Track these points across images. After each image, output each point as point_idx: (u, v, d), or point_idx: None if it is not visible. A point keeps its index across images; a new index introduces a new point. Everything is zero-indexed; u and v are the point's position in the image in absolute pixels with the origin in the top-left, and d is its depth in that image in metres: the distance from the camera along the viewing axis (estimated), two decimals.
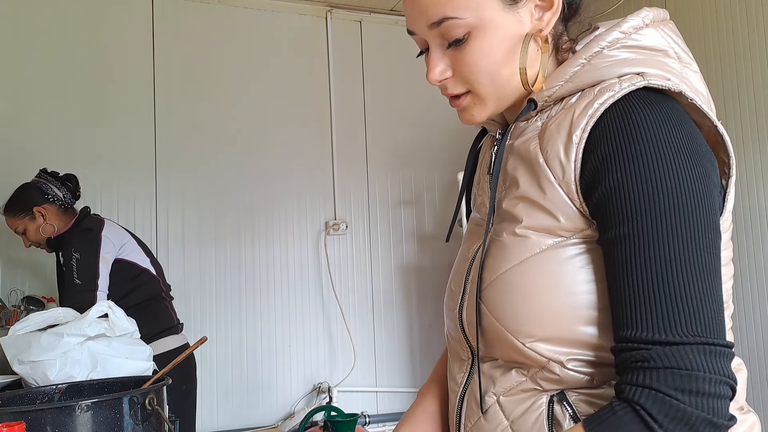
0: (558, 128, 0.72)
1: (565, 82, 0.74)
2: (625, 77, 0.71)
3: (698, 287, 0.63)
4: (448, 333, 0.88)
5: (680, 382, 0.61)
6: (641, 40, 0.74)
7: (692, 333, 0.62)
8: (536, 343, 0.70)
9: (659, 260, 0.63)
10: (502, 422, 0.76)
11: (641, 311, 0.63)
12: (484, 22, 0.73)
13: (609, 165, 0.66)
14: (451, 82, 0.77)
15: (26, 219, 2.41)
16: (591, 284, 0.69)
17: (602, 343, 0.69)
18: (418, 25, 0.76)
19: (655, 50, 0.74)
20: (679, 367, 0.61)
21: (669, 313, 0.62)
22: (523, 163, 0.75)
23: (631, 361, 0.64)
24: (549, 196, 0.71)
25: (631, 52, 0.73)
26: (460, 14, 0.72)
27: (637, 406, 0.62)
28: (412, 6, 0.76)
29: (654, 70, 0.72)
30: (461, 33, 0.73)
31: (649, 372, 0.62)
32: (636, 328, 0.63)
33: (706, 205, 0.65)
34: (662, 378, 0.61)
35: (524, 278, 0.71)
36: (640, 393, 0.62)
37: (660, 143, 0.65)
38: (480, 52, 0.73)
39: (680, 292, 0.62)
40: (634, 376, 0.63)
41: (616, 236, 0.66)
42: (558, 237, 0.71)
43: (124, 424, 0.98)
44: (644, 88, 0.70)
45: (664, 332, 0.62)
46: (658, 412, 0.60)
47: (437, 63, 0.76)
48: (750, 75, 2.78)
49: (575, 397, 0.72)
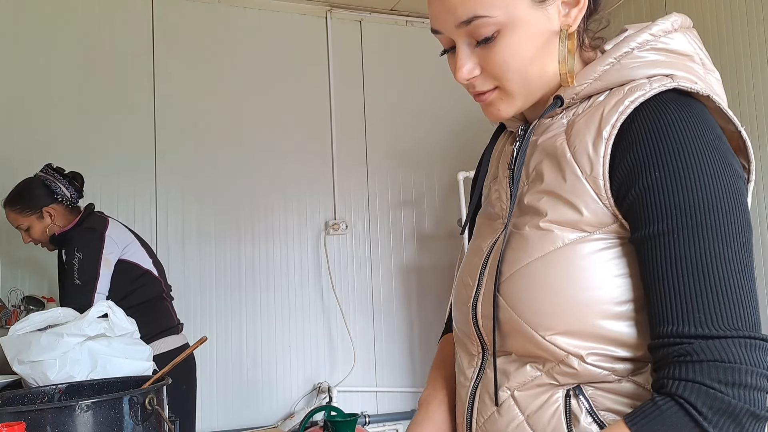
0: (587, 124, 0.73)
1: (594, 80, 0.75)
2: (654, 78, 0.73)
3: (736, 282, 0.64)
4: (456, 328, 0.87)
5: (723, 374, 0.61)
6: (670, 44, 0.75)
7: (733, 327, 0.63)
8: (556, 337, 0.71)
9: (698, 256, 0.64)
10: (517, 416, 0.76)
11: (682, 307, 0.64)
12: (514, 19, 0.73)
13: (645, 163, 0.67)
14: (479, 80, 0.77)
15: (33, 217, 2.38)
16: (614, 279, 0.70)
17: (622, 338, 0.70)
18: (445, 24, 0.75)
19: (682, 54, 0.75)
20: (722, 359, 0.62)
21: (710, 308, 0.63)
22: (549, 158, 0.76)
23: (674, 355, 0.64)
24: (574, 190, 0.72)
25: (660, 55, 0.74)
26: (491, 12, 0.72)
27: (681, 400, 0.62)
28: (439, 5, 0.75)
29: (682, 73, 0.73)
30: (491, 31, 0.73)
31: (692, 365, 0.62)
32: (677, 324, 0.64)
33: (739, 203, 0.67)
34: (705, 371, 0.62)
35: (546, 272, 0.72)
36: (684, 386, 0.62)
37: (694, 143, 0.67)
38: (510, 50, 0.74)
39: (719, 287, 0.63)
40: (676, 370, 0.63)
41: (653, 233, 0.67)
42: (582, 232, 0.71)
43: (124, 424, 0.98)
44: (673, 89, 0.71)
45: (705, 326, 0.63)
46: (702, 405, 0.61)
47: (465, 62, 0.76)
48: (750, 75, 2.78)
49: (591, 391, 0.72)
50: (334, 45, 3.69)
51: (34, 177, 2.43)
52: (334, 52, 3.69)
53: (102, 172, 3.11)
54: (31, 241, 2.45)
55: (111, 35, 3.25)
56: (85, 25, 3.22)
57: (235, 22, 3.51)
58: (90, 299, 2.20)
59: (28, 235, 2.43)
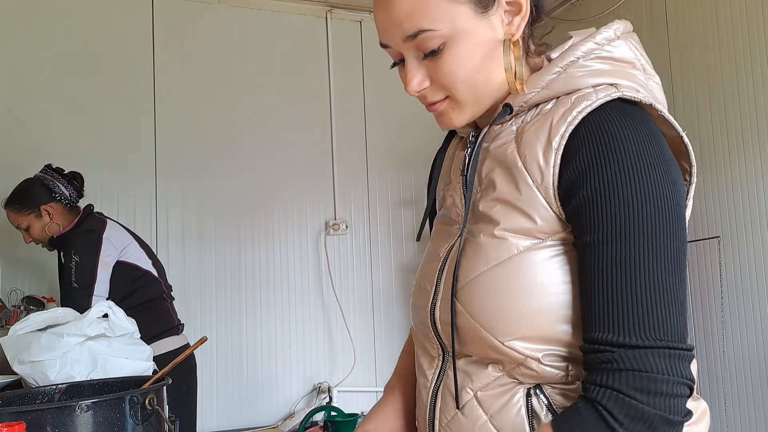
0: (536, 133, 0.74)
1: (541, 89, 0.77)
2: (600, 87, 0.75)
3: (664, 294, 0.67)
4: (415, 329, 0.89)
5: (640, 383, 0.65)
6: (613, 52, 0.77)
7: (655, 337, 0.66)
8: (514, 342, 0.73)
9: (629, 267, 0.67)
10: (481, 417, 0.78)
11: (609, 315, 0.67)
12: (459, 31, 0.74)
13: (588, 173, 0.70)
14: (429, 91, 0.79)
15: (31, 216, 2.38)
16: (567, 285, 0.73)
17: (576, 341, 0.73)
18: (392, 38, 0.77)
19: (625, 62, 0.77)
20: (639, 369, 0.65)
21: (635, 318, 0.66)
22: (501, 166, 0.77)
23: (597, 362, 0.68)
24: (527, 199, 0.74)
25: (604, 63, 0.76)
26: (435, 26, 0.73)
27: (599, 407, 0.66)
28: (385, 20, 0.77)
29: (626, 82, 0.75)
30: (437, 44, 0.75)
31: (612, 373, 0.66)
32: (603, 331, 0.67)
33: (675, 215, 0.69)
34: (624, 379, 0.65)
35: (502, 279, 0.74)
36: (602, 393, 0.66)
37: (635, 155, 0.69)
38: (457, 61, 0.75)
39: (646, 297, 0.66)
40: (598, 377, 0.67)
41: (590, 241, 0.69)
42: (534, 239, 0.74)
43: (124, 424, 0.98)
44: (618, 99, 0.73)
45: (628, 336, 0.66)
46: (618, 412, 0.65)
47: (415, 74, 0.78)
48: (750, 75, 2.78)
49: (550, 390, 0.75)
50: (334, 45, 3.69)
51: (33, 177, 2.43)
52: (334, 52, 3.69)
53: (102, 172, 3.10)
54: (32, 241, 2.46)
55: (111, 35, 3.25)
56: (85, 25, 3.22)
57: (235, 22, 3.51)
58: (88, 303, 2.19)
59: (29, 235, 2.43)
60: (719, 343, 2.90)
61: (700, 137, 3.01)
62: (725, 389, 2.84)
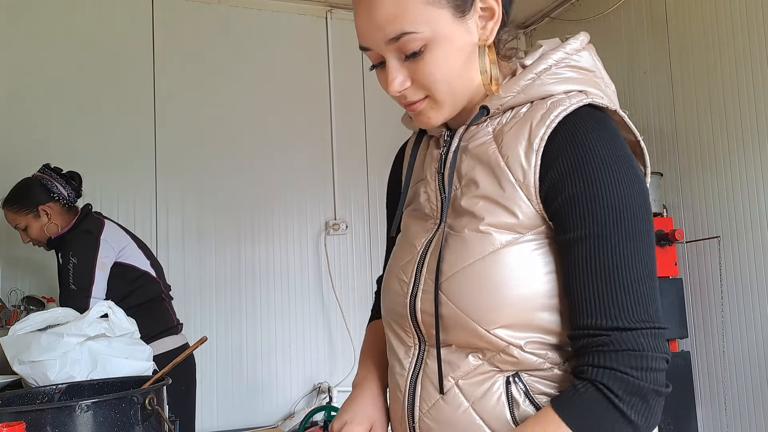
0: (517, 136, 0.81)
1: (517, 93, 0.82)
2: (571, 93, 0.81)
3: (645, 281, 0.75)
4: (389, 319, 0.93)
5: (635, 361, 0.73)
6: (580, 62, 0.84)
7: (641, 320, 0.74)
8: (498, 330, 0.79)
9: (613, 259, 0.75)
10: (462, 404, 0.83)
11: (599, 302, 0.75)
12: (439, 34, 0.79)
13: (569, 175, 0.77)
14: (410, 91, 0.83)
15: (30, 216, 2.38)
16: (547, 275, 0.79)
17: (555, 328, 0.80)
18: (374, 41, 0.81)
19: (589, 71, 0.85)
20: (633, 348, 0.73)
21: (622, 304, 0.74)
22: (482, 165, 0.83)
23: (593, 345, 0.75)
24: (510, 196, 0.80)
25: (573, 72, 0.83)
26: (417, 29, 0.78)
27: (600, 385, 0.73)
28: (368, 23, 0.80)
29: (593, 89, 0.83)
30: (418, 46, 0.79)
31: (609, 354, 0.73)
32: (595, 317, 0.75)
33: (646, 210, 0.78)
34: (620, 359, 0.73)
35: (487, 271, 0.79)
36: (602, 373, 0.73)
37: (609, 158, 0.77)
38: (437, 62, 0.80)
39: (630, 286, 0.74)
40: (595, 359, 0.74)
41: (576, 237, 0.76)
42: (516, 234, 0.80)
43: (124, 424, 0.98)
44: (588, 105, 0.80)
45: (619, 320, 0.74)
46: (618, 388, 0.72)
47: (396, 75, 0.82)
48: (750, 75, 2.78)
49: (527, 378, 0.81)
50: (334, 45, 3.69)
51: (31, 177, 2.42)
52: (334, 52, 3.69)
53: (102, 172, 3.11)
54: (30, 241, 2.45)
55: (111, 35, 3.25)
56: (86, 25, 3.22)
57: (235, 22, 3.51)
58: (86, 304, 2.19)
59: (27, 235, 2.43)
60: (719, 343, 2.90)
61: (700, 137, 3.01)
62: (725, 389, 2.84)
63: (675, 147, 3.13)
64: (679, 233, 2.85)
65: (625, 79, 3.36)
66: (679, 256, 2.96)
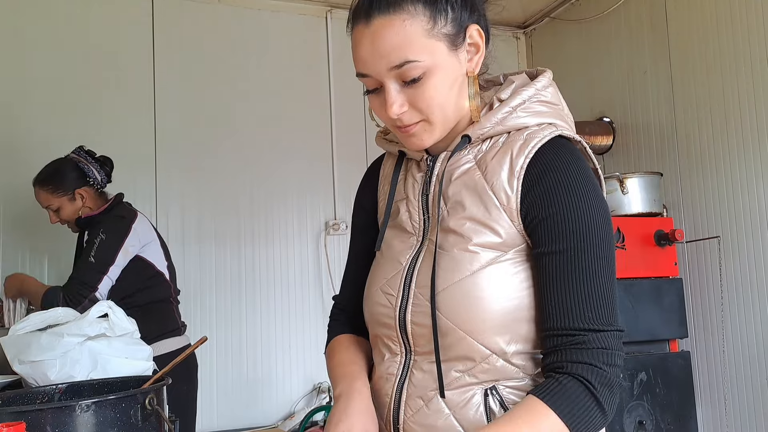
0: (500, 163, 0.92)
1: (495, 124, 0.93)
2: (543, 125, 0.93)
3: (608, 289, 0.87)
4: (374, 330, 1.01)
5: (606, 358, 0.85)
6: (548, 97, 0.96)
7: (608, 323, 0.86)
8: (486, 339, 0.89)
9: (585, 270, 0.87)
10: (444, 412, 0.92)
11: (574, 307, 0.86)
12: (437, 64, 0.89)
13: (546, 197, 0.89)
14: (407, 115, 0.91)
15: (64, 198, 2.37)
16: (528, 289, 0.90)
17: (534, 337, 0.91)
18: (375, 68, 0.90)
19: (555, 105, 0.96)
20: (605, 347, 0.85)
21: (594, 309, 0.86)
22: (468, 190, 0.93)
23: (570, 344, 0.85)
24: (495, 218, 0.91)
25: (543, 106, 0.95)
26: (419, 57, 0.87)
27: (579, 377, 0.84)
28: (371, 52, 0.90)
29: (560, 122, 0.95)
30: (419, 73, 0.88)
31: (586, 351, 0.85)
32: (570, 320, 0.86)
33: (609, 227, 0.90)
34: (595, 356, 0.84)
35: (476, 286, 0.89)
36: (581, 368, 0.84)
37: (580, 183, 0.89)
38: (434, 89, 0.89)
39: (599, 293, 0.86)
40: (573, 355, 0.85)
41: (552, 251, 0.88)
42: (500, 252, 0.91)
43: (124, 424, 0.98)
44: (559, 135, 0.92)
45: (592, 323, 0.86)
46: (594, 381, 0.83)
47: (396, 99, 0.90)
48: (750, 75, 2.78)
49: (502, 389, 0.91)
50: (334, 45, 3.69)
51: (67, 158, 2.41)
52: (334, 52, 3.69)
53: None
54: (58, 221, 2.44)
55: (111, 35, 3.25)
56: (85, 25, 3.22)
57: (235, 22, 3.51)
58: (98, 279, 2.19)
59: (57, 216, 2.42)
60: (719, 343, 2.90)
61: (700, 137, 3.01)
62: (725, 389, 2.84)
63: (675, 147, 3.13)
64: (679, 233, 2.85)
65: (625, 79, 3.36)
66: (679, 256, 2.96)
